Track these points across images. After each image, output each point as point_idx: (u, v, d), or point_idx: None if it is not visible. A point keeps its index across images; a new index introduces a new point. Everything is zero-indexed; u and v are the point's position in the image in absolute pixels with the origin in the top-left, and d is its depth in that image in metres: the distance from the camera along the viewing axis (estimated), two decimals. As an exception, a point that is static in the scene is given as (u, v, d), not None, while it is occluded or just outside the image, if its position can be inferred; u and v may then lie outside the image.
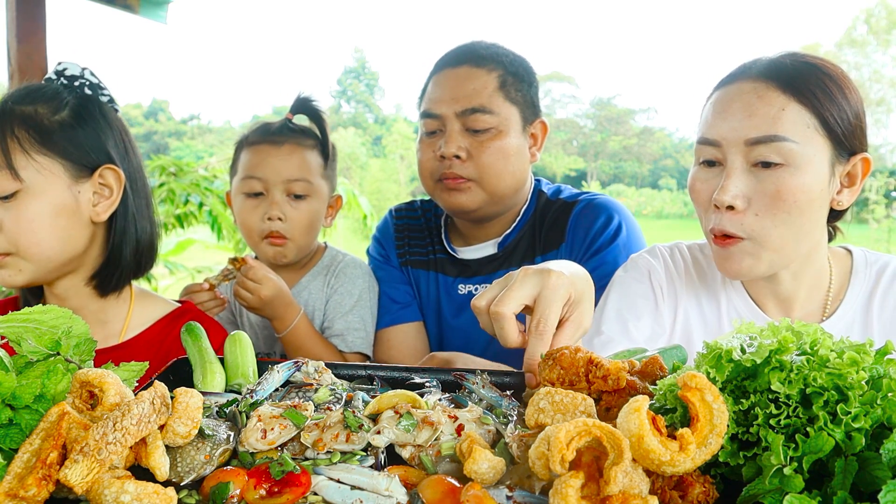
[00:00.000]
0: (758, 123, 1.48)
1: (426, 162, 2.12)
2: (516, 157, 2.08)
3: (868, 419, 0.82)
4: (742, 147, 1.49)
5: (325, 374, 1.24)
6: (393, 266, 2.36)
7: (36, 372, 1.01)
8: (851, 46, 45.49)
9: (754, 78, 1.53)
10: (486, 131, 2.03)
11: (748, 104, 1.50)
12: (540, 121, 2.17)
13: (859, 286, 1.66)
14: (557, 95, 62.71)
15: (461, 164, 2.04)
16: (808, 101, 1.47)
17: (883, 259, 1.70)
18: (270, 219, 2.17)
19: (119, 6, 3.99)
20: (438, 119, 2.06)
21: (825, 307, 1.66)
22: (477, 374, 1.19)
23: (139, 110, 64.04)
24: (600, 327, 1.74)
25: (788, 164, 1.47)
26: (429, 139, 2.11)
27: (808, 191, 1.48)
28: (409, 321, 2.30)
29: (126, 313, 1.79)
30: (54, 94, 1.65)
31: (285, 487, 0.86)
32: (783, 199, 1.47)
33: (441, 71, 2.12)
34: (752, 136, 1.48)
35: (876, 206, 22.95)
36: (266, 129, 2.25)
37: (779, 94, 1.48)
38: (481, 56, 2.08)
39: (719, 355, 0.93)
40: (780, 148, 1.46)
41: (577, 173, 54.87)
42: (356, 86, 68.28)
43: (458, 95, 2.04)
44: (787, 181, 1.47)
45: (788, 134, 1.46)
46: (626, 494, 0.76)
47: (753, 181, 1.49)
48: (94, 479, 0.80)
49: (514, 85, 2.07)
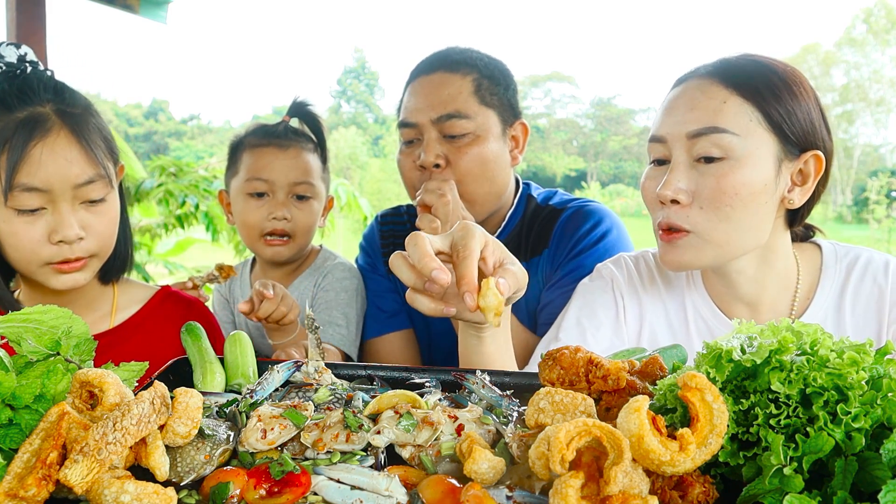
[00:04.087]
0: (699, 116, 1.49)
1: (407, 173, 2.10)
2: (496, 162, 2.05)
3: (868, 419, 0.82)
4: (684, 141, 1.51)
5: (325, 374, 1.24)
6: (380, 275, 2.34)
7: (36, 372, 1.01)
8: (851, 46, 45.51)
9: (701, 76, 1.55)
10: (463, 136, 2.00)
11: (691, 99, 1.52)
12: (520, 122, 2.15)
13: (829, 283, 1.65)
14: (557, 95, 62.72)
15: (440, 172, 2.01)
16: (751, 95, 1.48)
17: (853, 252, 1.68)
18: (276, 219, 2.21)
19: (119, 6, 3.99)
20: (415, 128, 2.05)
21: (793, 307, 1.65)
22: (477, 374, 1.19)
23: (139, 110, 64.04)
24: (558, 334, 1.74)
25: (729, 157, 1.47)
26: (408, 149, 2.10)
27: (751, 185, 1.48)
28: (398, 330, 2.28)
29: (111, 298, 1.84)
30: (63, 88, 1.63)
31: (285, 487, 0.87)
32: (725, 192, 1.47)
33: (416, 79, 2.10)
34: (692, 128, 1.49)
35: (876, 206, 22.95)
36: (267, 132, 2.27)
37: (721, 89, 1.50)
38: (455, 61, 2.06)
39: (719, 355, 0.93)
40: (720, 140, 1.47)
41: (577, 173, 54.88)
42: (356, 86, 68.29)
43: (433, 102, 2.02)
44: (728, 175, 1.47)
45: (729, 126, 1.47)
46: (626, 494, 0.76)
47: (696, 175, 1.50)
48: (94, 479, 0.80)
49: (490, 88, 2.05)
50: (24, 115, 1.53)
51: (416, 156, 2.05)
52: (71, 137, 1.56)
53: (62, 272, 1.60)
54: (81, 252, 1.60)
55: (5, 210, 1.54)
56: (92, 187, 1.58)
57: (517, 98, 2.16)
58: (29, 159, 1.51)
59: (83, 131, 1.58)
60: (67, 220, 1.56)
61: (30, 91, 1.56)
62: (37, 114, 1.54)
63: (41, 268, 1.59)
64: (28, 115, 1.53)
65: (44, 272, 1.60)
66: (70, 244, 1.57)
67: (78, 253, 1.59)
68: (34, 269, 1.60)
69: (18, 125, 1.51)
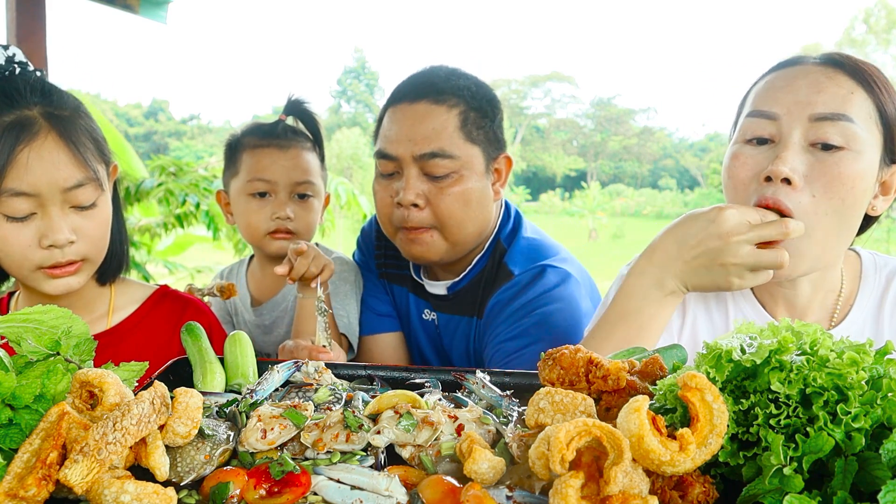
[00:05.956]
0: (826, 100, 1.44)
1: (384, 208, 2.01)
2: (478, 201, 1.96)
3: (868, 419, 0.82)
4: (805, 122, 1.44)
5: (325, 374, 1.25)
6: (371, 272, 2.32)
7: (36, 372, 1.01)
8: (851, 46, 45.47)
9: (818, 63, 1.51)
10: (445, 177, 1.91)
11: (817, 81, 1.46)
12: (504, 156, 2.05)
13: (869, 291, 1.62)
14: (557, 95, 62.68)
15: (419, 212, 1.92)
16: (872, 91, 1.46)
17: (892, 263, 1.66)
18: (279, 218, 2.22)
19: (119, 6, 3.99)
20: (395, 161, 1.94)
21: (834, 313, 1.62)
22: (477, 374, 1.19)
23: (139, 110, 64.01)
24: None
25: (850, 147, 1.42)
26: (385, 181, 2.00)
27: (865, 179, 1.44)
28: (387, 331, 2.26)
29: (108, 297, 1.84)
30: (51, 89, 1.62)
31: (285, 487, 0.87)
32: (843, 182, 1.42)
33: (397, 105, 1.98)
34: (819, 111, 1.43)
35: (876, 206, 22.86)
36: (265, 131, 2.27)
37: (847, 79, 1.46)
38: (440, 90, 1.93)
39: (719, 355, 0.93)
40: (846, 129, 1.42)
41: (577, 173, 54.85)
42: (356, 86, 68.27)
43: (415, 137, 1.90)
44: (849, 164, 1.42)
45: (855, 116, 1.43)
46: (626, 494, 0.76)
47: (811, 160, 1.44)
48: (94, 479, 0.80)
49: (476, 122, 1.94)
50: (11, 118, 1.51)
51: (395, 191, 1.95)
52: (59, 141, 1.54)
53: (54, 277, 1.59)
54: (73, 255, 1.59)
55: None
56: (81, 191, 1.56)
57: (503, 129, 2.07)
58: (16, 164, 1.49)
59: (71, 134, 1.56)
60: (57, 224, 1.54)
61: (17, 94, 1.54)
62: (24, 117, 1.52)
63: (33, 273, 1.59)
64: (15, 119, 1.51)
65: (36, 277, 1.60)
66: (61, 248, 1.56)
67: (70, 256, 1.58)
68: (26, 273, 1.60)
69: (5, 129, 1.50)
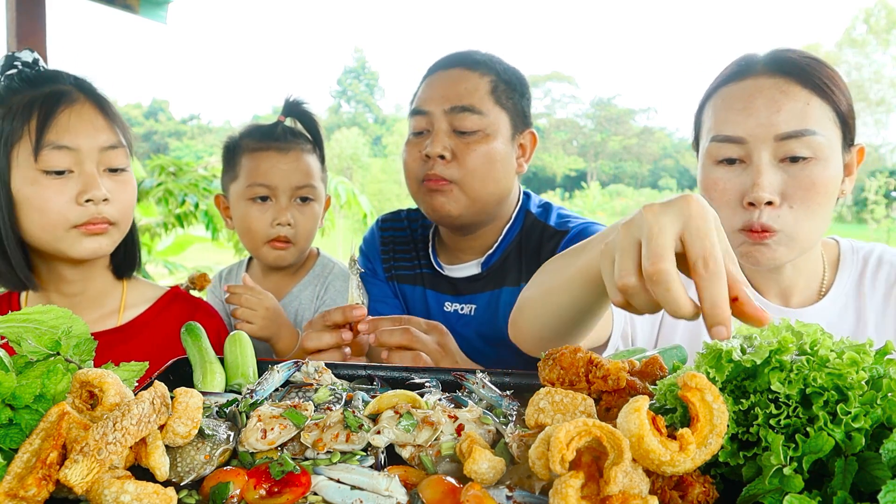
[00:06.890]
0: (787, 119, 1.49)
1: (411, 163, 2.09)
2: (502, 163, 2.04)
3: (868, 419, 0.82)
4: (770, 143, 1.50)
5: (325, 374, 1.24)
6: (379, 279, 2.32)
7: (36, 372, 1.01)
8: (851, 46, 45.49)
9: (769, 74, 1.54)
10: (473, 133, 1.99)
11: (773, 100, 1.51)
12: (530, 131, 2.13)
13: (848, 271, 1.72)
14: (557, 95, 62.73)
15: (445, 164, 2.00)
16: (826, 95, 1.51)
17: (867, 246, 1.76)
18: (280, 224, 2.19)
19: (119, 6, 3.98)
20: (426, 116, 2.03)
21: (819, 292, 1.71)
22: (477, 374, 1.19)
23: (139, 110, 64.02)
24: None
25: (817, 157, 1.49)
26: (415, 139, 2.08)
27: (835, 182, 1.52)
28: None
29: (120, 294, 1.86)
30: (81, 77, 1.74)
31: (285, 487, 0.87)
32: (817, 191, 1.50)
33: (433, 73, 2.10)
34: (782, 131, 1.49)
35: (875, 206, 22.99)
36: (264, 134, 2.23)
37: (801, 89, 1.51)
38: (475, 60, 2.06)
39: (719, 355, 0.93)
40: (811, 142, 1.48)
41: (577, 173, 54.85)
42: (356, 86, 68.30)
43: (448, 94, 2.01)
44: (820, 173, 1.50)
45: (816, 127, 1.49)
46: (626, 494, 0.76)
47: (783, 175, 1.51)
48: (94, 479, 0.80)
49: (506, 92, 2.05)
50: (49, 89, 1.63)
51: (424, 146, 2.03)
52: (95, 108, 1.66)
53: (89, 234, 1.64)
54: (107, 214, 1.65)
55: (34, 172, 1.59)
56: (115, 153, 1.67)
57: (530, 109, 2.15)
58: (57, 121, 1.60)
59: (104, 105, 1.68)
60: (95, 180, 1.62)
61: (52, 76, 1.68)
62: (61, 88, 1.64)
63: (67, 232, 1.63)
64: (53, 89, 1.63)
65: (70, 237, 1.63)
66: (97, 204, 1.63)
67: (104, 214, 1.65)
68: (60, 234, 1.63)
69: (46, 96, 1.61)
